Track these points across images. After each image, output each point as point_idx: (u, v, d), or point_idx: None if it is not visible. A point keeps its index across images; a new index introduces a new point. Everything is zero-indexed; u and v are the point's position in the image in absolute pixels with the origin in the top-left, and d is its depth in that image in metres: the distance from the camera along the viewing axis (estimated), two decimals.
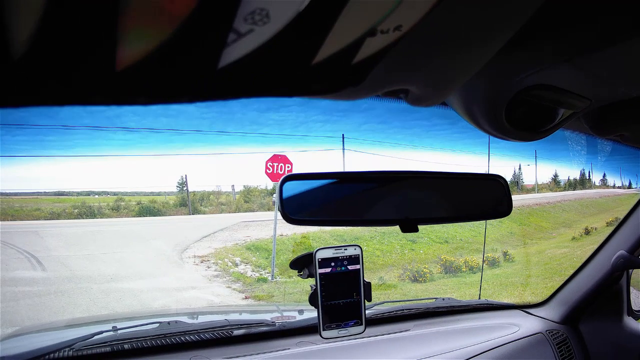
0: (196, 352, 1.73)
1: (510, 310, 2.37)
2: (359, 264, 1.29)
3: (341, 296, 1.28)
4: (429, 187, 1.16)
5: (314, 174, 1.09)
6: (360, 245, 1.30)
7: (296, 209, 1.06)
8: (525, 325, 2.15)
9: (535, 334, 2.10)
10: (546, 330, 2.13)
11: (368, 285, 1.32)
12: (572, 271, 2.27)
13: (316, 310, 1.28)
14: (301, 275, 1.37)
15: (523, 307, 2.39)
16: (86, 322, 2.28)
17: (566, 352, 2.12)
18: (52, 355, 1.56)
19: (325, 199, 1.10)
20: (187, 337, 1.77)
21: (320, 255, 1.27)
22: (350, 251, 1.29)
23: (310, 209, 1.10)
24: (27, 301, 7.33)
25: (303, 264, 1.36)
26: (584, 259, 2.23)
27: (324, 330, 1.26)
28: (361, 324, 1.30)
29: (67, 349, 1.59)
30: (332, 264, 1.27)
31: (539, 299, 2.44)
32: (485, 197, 1.23)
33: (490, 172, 1.26)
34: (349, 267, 1.28)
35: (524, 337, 2.04)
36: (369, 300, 1.33)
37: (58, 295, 7.73)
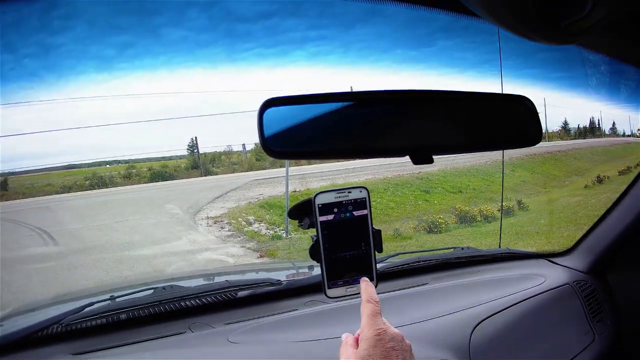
0: (196, 319, 1.63)
1: (534, 259, 2.25)
2: (366, 208, 1.09)
3: (347, 247, 1.09)
4: (444, 109, 1.03)
5: (302, 96, 0.94)
6: (367, 187, 1.09)
7: (281, 140, 0.93)
8: (551, 275, 2.03)
9: (562, 285, 1.98)
10: (574, 282, 2.02)
11: (378, 234, 1.12)
12: (587, 220, 2.22)
13: (319, 265, 1.10)
14: (302, 225, 1.18)
15: (547, 256, 2.25)
16: (77, 296, 2.15)
17: (595, 304, 2.01)
18: (40, 333, 1.48)
19: (318, 126, 0.95)
20: (185, 303, 1.66)
21: (320, 200, 1.06)
22: (355, 194, 1.08)
23: (299, 139, 0.96)
24: (39, 277, 7.35)
25: (303, 212, 1.16)
26: (598, 207, 2.16)
27: (329, 288, 1.08)
28: (372, 279, 1.10)
29: (56, 325, 1.50)
30: (335, 210, 1.07)
31: (557, 248, 2.31)
32: (510, 122, 1.10)
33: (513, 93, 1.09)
34: (355, 213, 1.08)
35: (550, 289, 1.93)
36: (380, 251, 1.13)
37: (71, 268, 7.76)
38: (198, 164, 17.30)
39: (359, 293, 1.06)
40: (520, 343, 1.74)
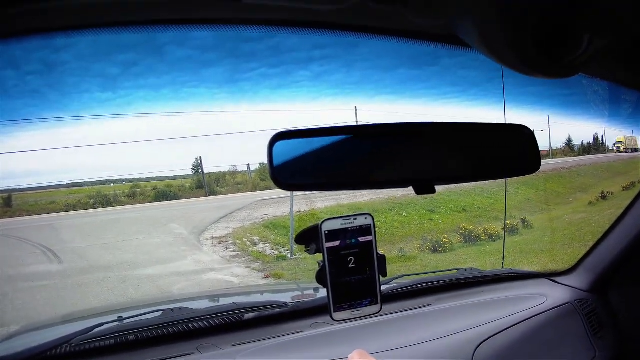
0: (204, 340, 1.65)
1: (536, 279, 2.26)
2: (371, 235, 1.13)
3: (353, 273, 1.13)
4: (445, 140, 1.06)
5: (310, 130, 0.98)
6: (372, 214, 1.13)
7: (290, 173, 0.97)
8: (552, 295, 2.05)
9: (563, 304, 2.01)
10: (575, 300, 2.04)
11: (382, 259, 1.15)
12: (591, 237, 2.27)
13: (325, 290, 1.12)
14: (308, 250, 1.19)
15: (549, 276, 2.27)
16: (85, 316, 2.21)
17: (596, 322, 2.03)
18: (50, 352, 1.50)
19: (324, 159, 1.00)
20: (193, 325, 1.70)
21: (327, 227, 1.11)
22: (361, 221, 1.12)
23: (307, 171, 1.00)
24: (43, 295, 7.31)
25: (309, 238, 1.18)
26: (602, 224, 2.19)
27: (335, 311, 1.11)
28: (377, 303, 1.13)
29: (65, 345, 1.53)
30: (341, 236, 1.12)
31: (561, 266, 2.33)
32: (510, 151, 1.12)
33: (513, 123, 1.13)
34: (360, 239, 1.12)
35: (552, 308, 1.95)
36: (384, 275, 1.16)
37: (75, 287, 7.72)
38: (203, 183, 17.29)
39: (365, 316, 1.11)
40: None
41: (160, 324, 1.67)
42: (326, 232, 1.10)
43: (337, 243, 1.11)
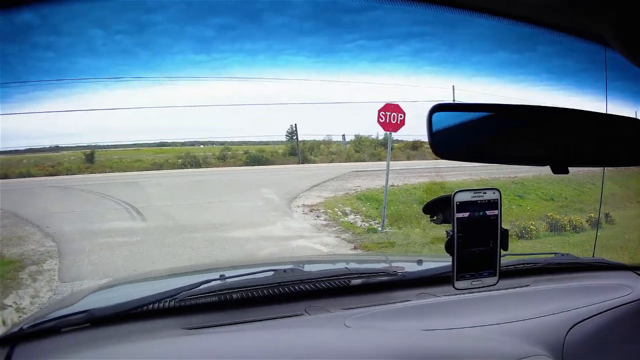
0: (312, 302, 1.68)
1: (624, 271, 2.24)
2: (497, 209, 1.25)
3: (478, 244, 1.23)
4: (577, 126, 1.15)
5: (464, 104, 1.13)
6: (499, 189, 1.25)
7: (444, 143, 1.06)
8: (637, 288, 2.02)
9: None
10: None
11: (506, 233, 1.27)
12: None
13: (451, 258, 1.22)
14: (434, 220, 1.32)
15: (635, 269, 2.23)
16: (190, 271, 2.48)
17: None
18: (152, 306, 1.52)
19: (475, 133, 1.11)
20: (302, 287, 1.73)
21: (459, 198, 1.20)
22: (490, 195, 1.24)
23: (459, 143, 1.10)
24: (123, 251, 7.20)
25: (437, 208, 1.30)
26: None
27: (457, 280, 1.23)
28: (495, 275, 1.27)
29: (169, 299, 1.55)
30: (470, 208, 1.21)
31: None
32: (625, 142, 1.21)
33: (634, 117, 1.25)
34: (487, 213, 1.23)
35: (635, 301, 1.92)
36: (505, 249, 1.28)
37: (158, 245, 7.58)
38: (296, 150, 17.60)
39: (483, 287, 1.27)
40: (608, 349, 1.78)
41: (269, 283, 1.70)
42: (458, 203, 1.20)
43: (466, 214, 1.21)
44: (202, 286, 1.60)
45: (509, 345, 1.56)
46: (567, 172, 1.06)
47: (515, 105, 1.10)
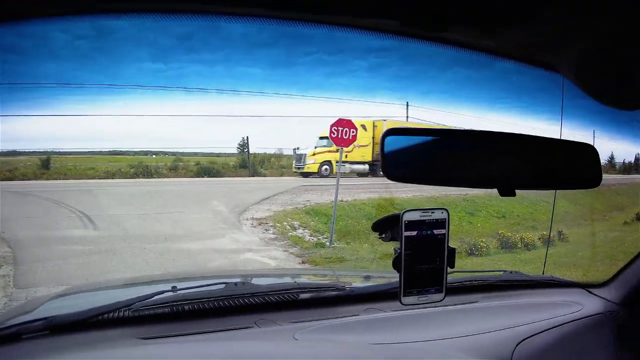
0: (261, 315, 1.72)
1: (573, 288, 2.36)
2: (444, 228, 1.27)
3: (424, 261, 1.26)
4: (525, 150, 1.19)
5: (416, 129, 1.18)
6: (447, 209, 1.27)
7: (397, 166, 1.10)
8: (587, 304, 2.13)
9: (596, 314, 2.08)
10: (607, 312, 2.11)
11: (452, 252, 1.29)
12: (623, 257, 2.20)
13: (398, 274, 1.25)
14: (383, 237, 1.35)
15: (586, 286, 2.35)
16: (144, 282, 2.42)
17: (625, 334, 2.08)
18: (107, 315, 1.56)
19: (426, 156, 1.15)
20: (252, 300, 1.77)
21: (407, 217, 1.23)
22: (437, 215, 1.26)
23: (411, 165, 1.15)
24: (76, 260, 7.26)
25: (387, 226, 1.33)
26: (635, 244, 2.10)
27: (404, 296, 1.25)
28: (442, 291, 1.28)
29: (124, 309, 1.59)
30: (419, 227, 1.24)
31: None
32: (576, 166, 1.24)
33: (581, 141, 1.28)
34: (435, 232, 1.26)
35: (585, 317, 2.03)
36: (452, 267, 1.30)
37: (110, 254, 7.65)
38: (247, 163, 17.53)
39: (429, 303, 1.26)
40: None
41: (221, 296, 1.73)
42: (406, 222, 1.22)
43: (414, 233, 1.23)
44: (156, 297, 1.65)
45: None
46: (514, 194, 1.08)
47: (464, 130, 1.14)
